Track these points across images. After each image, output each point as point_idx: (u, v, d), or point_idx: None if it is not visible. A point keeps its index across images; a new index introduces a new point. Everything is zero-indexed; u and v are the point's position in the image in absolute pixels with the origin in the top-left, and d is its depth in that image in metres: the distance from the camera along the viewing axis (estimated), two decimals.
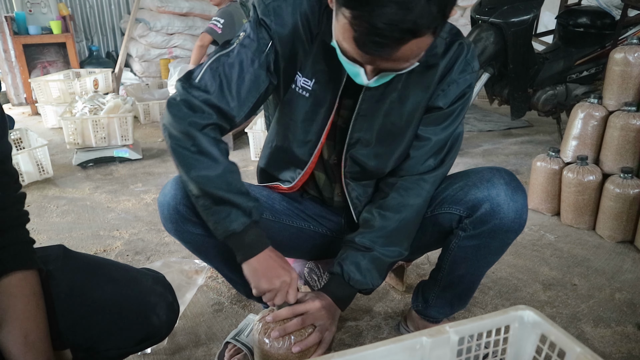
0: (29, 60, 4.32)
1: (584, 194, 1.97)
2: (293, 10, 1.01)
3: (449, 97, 1.08)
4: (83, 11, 5.26)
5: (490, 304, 1.53)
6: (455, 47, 1.05)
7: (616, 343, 1.35)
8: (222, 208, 0.99)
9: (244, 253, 1.02)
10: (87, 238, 2.00)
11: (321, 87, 1.06)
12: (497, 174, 1.08)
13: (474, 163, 2.87)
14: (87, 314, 0.89)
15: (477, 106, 4.22)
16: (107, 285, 0.93)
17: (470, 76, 1.08)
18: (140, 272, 1.03)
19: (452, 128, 1.11)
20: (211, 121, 0.97)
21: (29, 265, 0.82)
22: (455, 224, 1.12)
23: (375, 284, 1.12)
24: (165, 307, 0.98)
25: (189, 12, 4.52)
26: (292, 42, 1.03)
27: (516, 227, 1.08)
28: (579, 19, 2.90)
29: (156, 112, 3.95)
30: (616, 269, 1.73)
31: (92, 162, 2.89)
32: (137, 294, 0.96)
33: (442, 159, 1.12)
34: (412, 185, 1.12)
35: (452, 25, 1.08)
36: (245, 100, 1.02)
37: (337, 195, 1.24)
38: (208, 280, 1.64)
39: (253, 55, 1.00)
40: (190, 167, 0.97)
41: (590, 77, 2.98)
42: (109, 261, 1.02)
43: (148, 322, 0.96)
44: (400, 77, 1.04)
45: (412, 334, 0.66)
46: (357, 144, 1.11)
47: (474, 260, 1.15)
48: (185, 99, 0.97)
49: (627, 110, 1.90)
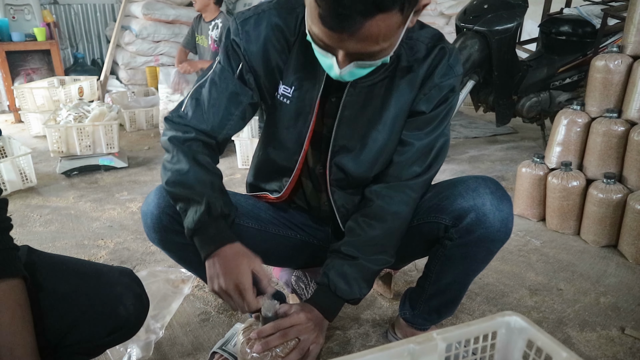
0: (12, 67, 4.26)
1: (569, 199, 1.99)
2: (264, 26, 1.06)
3: (431, 101, 1.08)
4: (68, 18, 5.22)
5: (477, 310, 1.54)
6: (437, 52, 1.06)
7: (602, 347, 1.36)
8: (186, 207, 1.02)
9: (204, 250, 1.01)
10: (71, 247, 1.97)
11: (301, 93, 1.08)
12: (483, 183, 1.08)
13: (460, 169, 2.89)
14: (54, 307, 0.89)
15: (462, 113, 4.26)
16: (72, 279, 0.94)
17: (453, 80, 1.08)
18: (106, 266, 1.03)
19: (435, 133, 1.10)
20: (191, 136, 1.07)
21: (13, 273, 0.81)
22: (441, 233, 1.12)
23: (362, 294, 1.11)
24: (132, 298, 0.98)
25: (175, 19, 4.50)
26: (265, 57, 1.07)
27: (502, 237, 1.09)
28: (561, 28, 2.95)
29: (142, 120, 3.92)
30: (601, 273, 1.75)
31: (77, 170, 2.85)
32: (103, 285, 0.96)
33: (427, 165, 1.12)
34: (397, 192, 1.11)
35: (436, 30, 1.09)
36: (224, 118, 1.09)
37: (323, 204, 1.24)
38: (194, 290, 1.63)
39: (226, 77, 1.08)
40: (165, 174, 1.06)
41: (572, 84, 3.03)
42: (73, 258, 1.03)
43: (115, 312, 0.95)
44: (383, 84, 1.06)
45: (400, 342, 0.66)
46: (341, 151, 1.11)
47: (461, 269, 1.15)
48: (171, 126, 1.10)
49: (609, 116, 1.94)
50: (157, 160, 3.16)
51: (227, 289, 0.97)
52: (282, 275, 1.58)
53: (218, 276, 0.98)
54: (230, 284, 0.96)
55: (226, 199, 1.05)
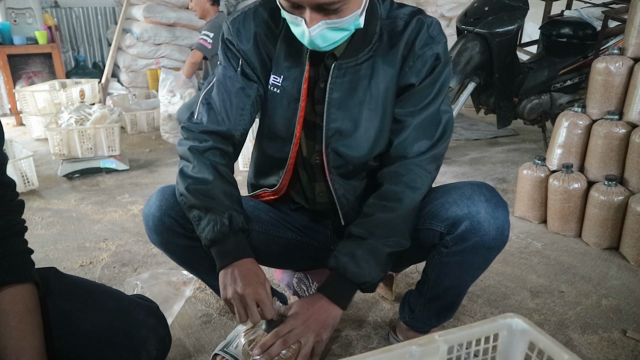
0: (14, 70, 4.27)
1: (570, 201, 1.99)
2: (252, 22, 1.11)
3: (417, 73, 1.08)
4: (69, 21, 5.23)
5: (479, 312, 1.54)
6: (414, 23, 1.08)
7: (603, 349, 1.36)
8: (203, 216, 1.03)
9: (221, 261, 1.02)
10: (72, 250, 1.97)
11: (289, 81, 1.11)
12: (478, 190, 1.07)
13: (461, 171, 2.89)
14: (75, 344, 0.87)
15: (463, 115, 4.26)
16: (96, 316, 0.91)
17: (436, 48, 1.07)
18: (133, 302, 1.00)
19: (432, 107, 1.09)
20: (209, 145, 1.10)
21: (24, 278, 0.79)
22: (437, 239, 1.11)
23: (375, 277, 1.05)
24: (156, 342, 0.96)
25: (176, 22, 4.51)
26: (258, 50, 1.12)
27: (498, 244, 1.07)
28: (561, 30, 2.95)
29: (143, 123, 3.93)
30: (602, 276, 1.75)
31: (78, 173, 2.85)
32: (128, 327, 0.93)
33: (434, 141, 1.10)
34: (406, 171, 1.09)
35: (416, 7, 1.12)
36: (238, 115, 1.13)
37: (318, 195, 1.24)
38: (196, 292, 1.63)
39: (230, 76, 1.12)
40: (185, 181, 1.07)
41: (573, 86, 3.03)
42: (101, 287, 1.00)
43: (137, 357, 0.93)
44: (368, 64, 1.08)
45: (401, 344, 0.66)
46: (336, 136, 1.12)
47: (458, 275, 1.14)
48: (187, 134, 1.13)
49: (610, 118, 1.94)
50: (159, 162, 3.16)
51: (245, 294, 0.97)
52: (284, 277, 1.58)
53: (235, 283, 0.98)
54: (249, 291, 0.97)
55: (246, 213, 1.08)
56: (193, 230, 1.08)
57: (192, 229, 1.08)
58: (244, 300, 0.98)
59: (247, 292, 0.97)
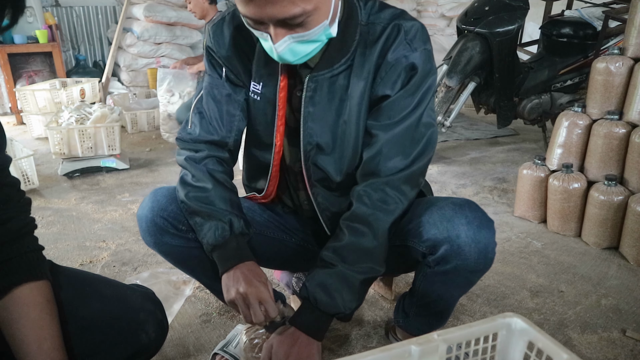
0: (14, 69, 4.27)
1: (570, 201, 1.99)
2: (230, 26, 1.09)
3: (393, 84, 1.00)
4: (70, 20, 5.23)
5: (478, 311, 1.54)
6: (389, 30, 0.99)
7: (603, 349, 1.36)
8: (204, 222, 1.05)
9: (223, 265, 1.04)
10: (72, 249, 1.97)
11: (267, 88, 1.10)
12: (460, 211, 1.00)
13: (461, 171, 2.89)
14: (75, 331, 0.88)
15: (464, 115, 4.26)
16: (95, 303, 0.93)
17: (413, 56, 0.98)
18: (130, 288, 1.02)
19: (410, 120, 1.01)
20: (204, 154, 1.12)
21: (40, 275, 0.82)
22: (420, 257, 1.08)
23: (348, 307, 1.00)
24: (154, 325, 0.98)
25: (177, 21, 4.51)
26: (238, 55, 1.10)
27: (481, 267, 1.03)
28: (562, 30, 2.95)
29: (143, 122, 3.93)
30: (602, 275, 1.75)
31: (79, 172, 2.85)
32: (126, 312, 0.95)
33: (411, 159, 1.02)
34: (376, 192, 1.02)
35: (398, 10, 1.04)
36: (229, 122, 1.13)
37: (303, 203, 1.24)
38: (196, 291, 1.63)
39: (216, 84, 1.13)
40: (185, 189, 1.09)
41: (574, 86, 3.03)
42: (97, 277, 1.02)
43: (137, 339, 0.95)
44: (345, 74, 1.03)
45: (400, 343, 0.66)
46: (315, 149, 1.09)
47: (444, 290, 1.12)
48: (183, 145, 1.15)
49: (610, 118, 1.94)
50: (159, 162, 3.17)
51: (248, 294, 0.98)
52: (283, 277, 1.58)
53: (239, 283, 0.99)
54: (251, 290, 0.99)
55: (246, 217, 1.10)
56: (185, 231, 1.11)
57: (184, 230, 1.11)
58: (247, 300, 0.99)
59: (250, 292, 0.99)
